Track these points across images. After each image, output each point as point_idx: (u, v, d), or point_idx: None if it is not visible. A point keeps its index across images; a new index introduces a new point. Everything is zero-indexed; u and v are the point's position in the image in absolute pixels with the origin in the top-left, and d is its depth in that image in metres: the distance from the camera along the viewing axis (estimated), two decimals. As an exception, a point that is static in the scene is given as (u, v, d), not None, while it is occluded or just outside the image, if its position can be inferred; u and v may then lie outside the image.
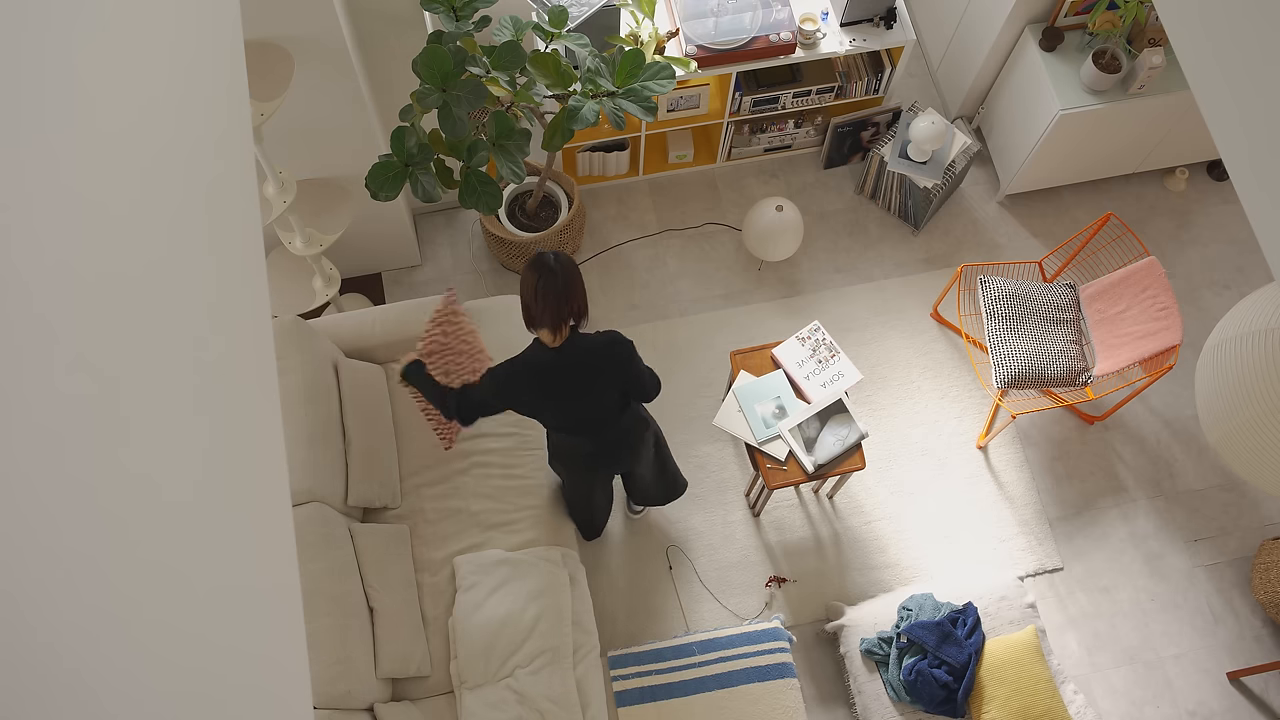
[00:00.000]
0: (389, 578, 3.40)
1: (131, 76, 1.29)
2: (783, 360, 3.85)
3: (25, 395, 0.91)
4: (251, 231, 1.69)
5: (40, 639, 0.88)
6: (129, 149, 1.24)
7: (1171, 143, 4.53)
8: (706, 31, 4.03)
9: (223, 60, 1.71)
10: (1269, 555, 3.98)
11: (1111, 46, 4.09)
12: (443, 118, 3.24)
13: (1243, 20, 1.61)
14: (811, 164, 4.86)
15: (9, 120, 0.96)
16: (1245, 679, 3.99)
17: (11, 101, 0.97)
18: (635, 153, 4.68)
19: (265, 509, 1.51)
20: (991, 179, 4.83)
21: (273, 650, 1.43)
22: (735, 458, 4.27)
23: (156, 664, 1.07)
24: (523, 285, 2.83)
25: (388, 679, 3.32)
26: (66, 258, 1.03)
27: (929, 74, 5.04)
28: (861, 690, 3.61)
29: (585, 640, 3.48)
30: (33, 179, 0.99)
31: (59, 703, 0.89)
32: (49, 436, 0.94)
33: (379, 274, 4.57)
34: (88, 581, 0.97)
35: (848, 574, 4.09)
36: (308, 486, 3.30)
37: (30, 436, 0.91)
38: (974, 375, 4.44)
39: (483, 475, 3.67)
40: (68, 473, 0.96)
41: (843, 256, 4.67)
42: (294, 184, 3.41)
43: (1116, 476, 4.30)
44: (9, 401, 0.89)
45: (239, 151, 1.71)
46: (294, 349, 3.44)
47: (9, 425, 0.88)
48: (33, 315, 0.95)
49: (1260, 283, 4.70)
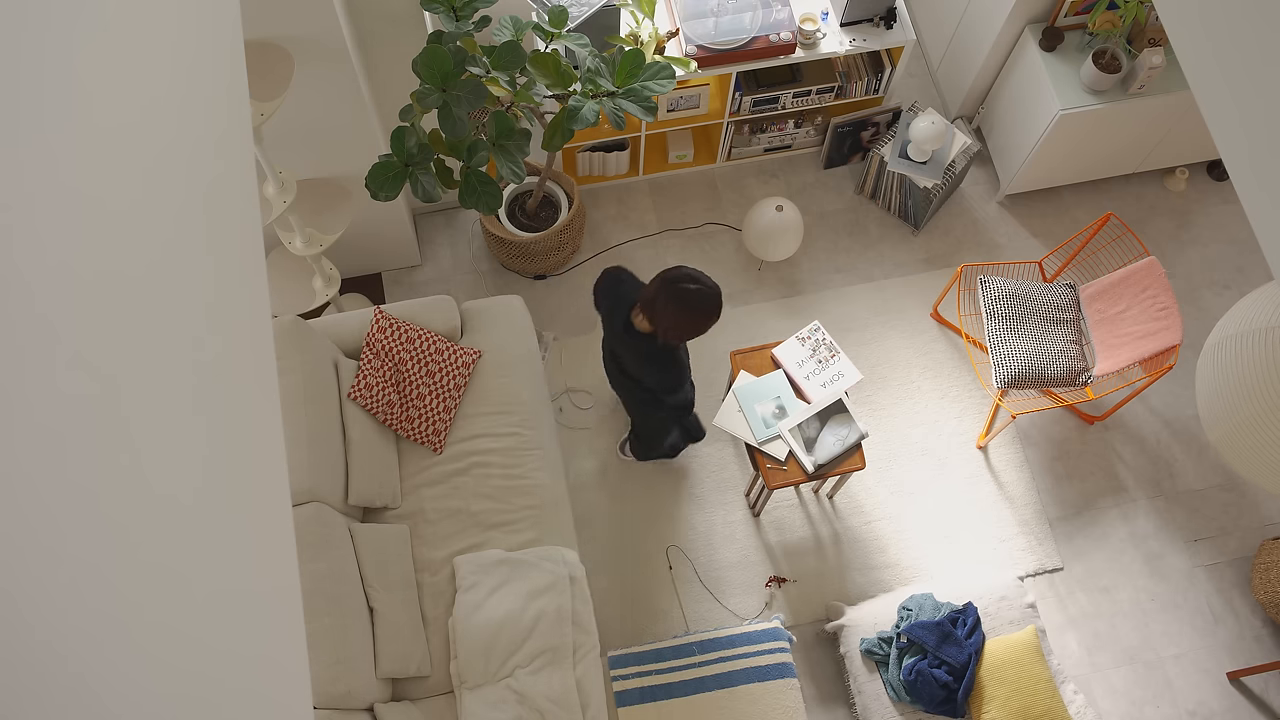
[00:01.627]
0: (389, 578, 3.40)
1: (131, 76, 1.29)
2: (783, 360, 3.85)
3: (24, 394, 0.91)
4: (251, 231, 1.69)
5: (39, 638, 0.88)
6: (129, 149, 1.24)
7: (1171, 143, 4.53)
8: (706, 31, 4.03)
9: (223, 60, 1.71)
10: (1269, 555, 3.98)
11: (1111, 46, 4.09)
12: (443, 118, 3.24)
13: (1243, 20, 1.61)
14: (811, 164, 4.86)
15: (8, 120, 0.96)
16: (1245, 679, 3.99)
17: (12, 101, 0.97)
18: (635, 153, 4.68)
19: (265, 509, 1.51)
20: (991, 179, 4.83)
21: (273, 650, 1.43)
22: (735, 458, 4.27)
23: (155, 664, 1.07)
24: (682, 307, 2.90)
25: (388, 679, 3.32)
26: (67, 257, 1.03)
27: (929, 74, 5.04)
28: (861, 690, 3.61)
29: (585, 640, 3.48)
30: (33, 179, 0.99)
31: (60, 703, 0.89)
32: (48, 436, 0.94)
33: (379, 274, 4.57)
34: (87, 582, 0.97)
35: (848, 574, 4.09)
36: (308, 486, 3.30)
37: (29, 436, 0.91)
38: (974, 375, 4.44)
39: (483, 475, 3.67)
40: (67, 473, 0.96)
41: (843, 256, 4.67)
42: (294, 184, 3.41)
43: (1116, 476, 4.30)
44: (8, 400, 0.89)
45: (239, 151, 1.71)
46: (294, 349, 3.44)
47: (8, 424, 0.88)
48: (33, 314, 0.94)
49: (1260, 282, 4.70)
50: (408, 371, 3.70)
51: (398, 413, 3.67)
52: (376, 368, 3.66)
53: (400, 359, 3.71)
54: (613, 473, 4.22)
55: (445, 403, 3.71)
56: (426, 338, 3.75)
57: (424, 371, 3.71)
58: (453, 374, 3.74)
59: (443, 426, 3.70)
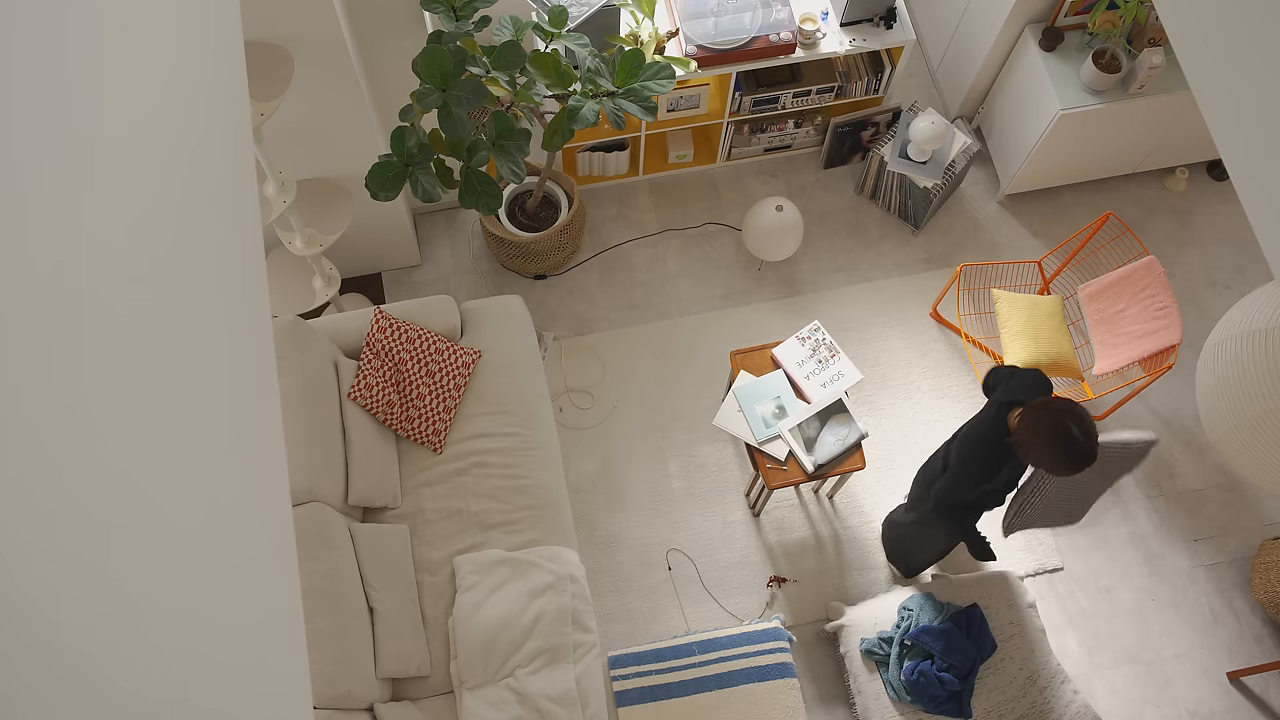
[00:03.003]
0: (389, 578, 3.40)
1: (131, 76, 1.29)
2: (783, 360, 3.85)
3: (24, 394, 0.91)
4: (251, 231, 1.69)
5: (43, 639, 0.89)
6: (128, 149, 1.24)
7: (1171, 143, 4.53)
8: (706, 31, 4.03)
9: (223, 60, 1.71)
10: (1269, 555, 3.98)
11: (1111, 46, 4.09)
12: (443, 118, 3.24)
13: (1242, 21, 1.61)
14: (811, 164, 4.86)
15: (8, 120, 0.96)
16: (1245, 679, 3.99)
17: (12, 101, 0.97)
18: (635, 153, 4.68)
19: (265, 509, 1.51)
20: (991, 179, 4.83)
21: (273, 651, 1.43)
22: (735, 458, 4.27)
23: (154, 664, 1.07)
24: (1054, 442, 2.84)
25: (388, 679, 3.32)
26: (66, 258, 1.03)
27: (929, 74, 5.04)
28: (861, 690, 3.61)
29: (585, 640, 3.48)
30: (33, 179, 0.99)
31: (62, 704, 0.89)
32: (48, 436, 0.94)
33: (379, 274, 4.57)
34: (86, 582, 0.97)
35: (848, 574, 4.09)
36: (308, 486, 3.30)
37: (29, 436, 0.91)
38: (974, 375, 4.43)
39: (482, 475, 3.67)
40: (66, 474, 0.96)
41: (843, 256, 4.67)
42: (294, 184, 3.41)
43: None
44: (8, 400, 0.89)
45: (239, 151, 1.71)
46: (294, 349, 3.44)
47: (8, 426, 0.88)
48: (33, 313, 0.94)
49: (1260, 282, 4.70)
50: (408, 371, 3.71)
51: (398, 413, 3.67)
52: (376, 368, 3.66)
53: (400, 359, 3.71)
54: (613, 473, 4.22)
55: (445, 403, 3.71)
56: (426, 338, 3.75)
57: (424, 371, 3.71)
58: (453, 374, 3.74)
59: (443, 426, 3.70)
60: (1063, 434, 2.79)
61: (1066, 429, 2.79)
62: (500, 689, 3.34)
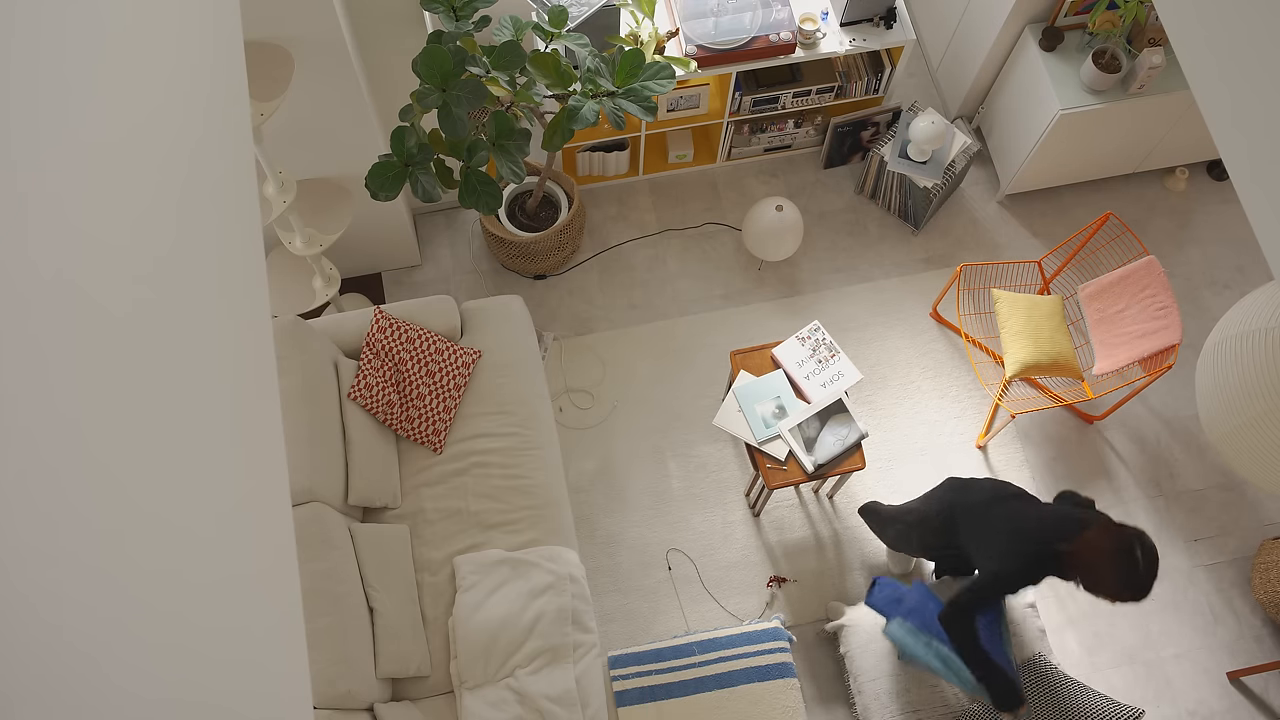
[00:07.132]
0: (389, 578, 3.41)
1: (131, 77, 1.29)
2: (783, 360, 3.85)
3: (24, 395, 0.91)
4: (251, 231, 1.69)
5: (43, 642, 0.89)
6: (128, 149, 1.24)
7: (1171, 143, 4.53)
8: (706, 31, 4.03)
9: (223, 60, 1.71)
10: (1269, 555, 3.98)
11: (1111, 46, 4.09)
12: (443, 118, 3.24)
13: (1242, 21, 1.61)
14: (811, 164, 4.86)
15: (8, 120, 0.96)
16: (1245, 679, 3.99)
17: (12, 101, 0.97)
18: (635, 153, 4.68)
19: (265, 509, 1.51)
20: (991, 179, 4.83)
21: (273, 651, 1.43)
22: (735, 458, 4.27)
23: (154, 664, 1.07)
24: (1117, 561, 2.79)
25: (388, 679, 3.32)
26: (66, 258, 1.03)
27: (929, 74, 5.04)
28: (861, 690, 3.61)
29: (585, 640, 3.48)
30: (32, 179, 0.99)
31: (62, 705, 0.89)
32: (47, 439, 0.94)
33: (379, 274, 4.57)
34: (86, 585, 0.97)
35: (848, 574, 4.09)
36: (308, 486, 3.30)
37: (28, 439, 0.91)
38: (974, 375, 4.44)
39: (482, 475, 3.67)
40: (66, 477, 0.96)
41: (843, 256, 4.67)
42: (294, 184, 3.41)
43: (1116, 476, 4.30)
44: (7, 404, 0.89)
45: (239, 152, 1.71)
46: (294, 349, 3.44)
47: (7, 429, 0.88)
48: (32, 314, 0.94)
49: (1260, 282, 4.70)
50: (408, 371, 3.71)
51: (398, 413, 3.67)
52: (376, 368, 3.66)
53: (400, 359, 3.71)
54: (613, 473, 4.22)
55: (445, 403, 3.71)
56: (426, 338, 3.75)
57: (424, 371, 3.71)
58: (453, 374, 3.74)
59: (443, 426, 3.70)
60: (1128, 564, 2.75)
61: (1131, 562, 2.75)
62: (500, 689, 3.34)
